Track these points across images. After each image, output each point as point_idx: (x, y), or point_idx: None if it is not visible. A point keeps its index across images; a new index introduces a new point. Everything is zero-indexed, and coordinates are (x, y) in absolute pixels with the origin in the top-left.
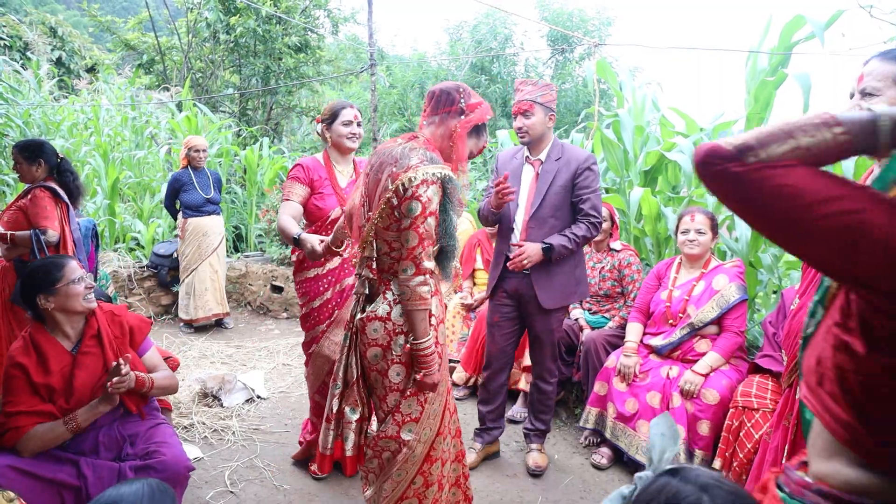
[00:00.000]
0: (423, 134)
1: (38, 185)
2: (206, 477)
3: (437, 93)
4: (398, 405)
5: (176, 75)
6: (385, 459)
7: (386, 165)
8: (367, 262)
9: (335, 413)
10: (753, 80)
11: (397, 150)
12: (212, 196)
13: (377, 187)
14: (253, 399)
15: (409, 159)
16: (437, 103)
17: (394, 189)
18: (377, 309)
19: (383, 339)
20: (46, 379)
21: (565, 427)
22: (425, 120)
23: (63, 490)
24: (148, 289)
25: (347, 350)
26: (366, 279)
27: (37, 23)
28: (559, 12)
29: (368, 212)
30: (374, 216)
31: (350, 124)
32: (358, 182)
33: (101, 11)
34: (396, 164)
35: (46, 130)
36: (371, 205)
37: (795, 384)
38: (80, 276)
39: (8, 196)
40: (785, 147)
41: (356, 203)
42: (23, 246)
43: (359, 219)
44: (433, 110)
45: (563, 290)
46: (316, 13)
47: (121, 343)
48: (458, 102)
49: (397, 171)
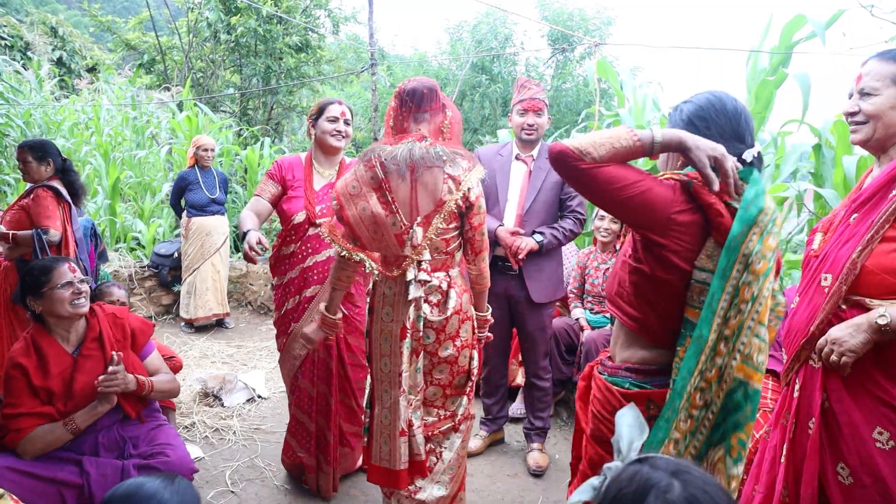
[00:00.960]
0: (419, 132)
1: (41, 185)
2: (206, 476)
3: (423, 91)
4: (462, 385)
5: (177, 75)
6: (452, 443)
7: (426, 169)
8: (419, 265)
9: (406, 424)
10: (754, 79)
11: (434, 152)
12: (217, 196)
13: (415, 192)
14: (254, 399)
15: (458, 161)
16: (423, 100)
17: (462, 192)
18: (451, 304)
19: (454, 329)
20: (45, 382)
21: (566, 427)
22: (412, 117)
23: (64, 489)
24: (149, 288)
25: (409, 356)
26: (420, 282)
27: (38, 23)
28: (559, 12)
29: (416, 216)
30: (436, 219)
31: (336, 121)
32: (350, 189)
33: (101, 11)
34: (447, 166)
35: (47, 130)
36: (413, 209)
37: (793, 383)
38: (68, 280)
39: (8, 195)
40: (607, 150)
41: (377, 211)
42: (25, 245)
43: (389, 226)
44: (420, 108)
45: (553, 284)
46: (317, 13)
47: (122, 346)
48: (440, 99)
49: (457, 175)
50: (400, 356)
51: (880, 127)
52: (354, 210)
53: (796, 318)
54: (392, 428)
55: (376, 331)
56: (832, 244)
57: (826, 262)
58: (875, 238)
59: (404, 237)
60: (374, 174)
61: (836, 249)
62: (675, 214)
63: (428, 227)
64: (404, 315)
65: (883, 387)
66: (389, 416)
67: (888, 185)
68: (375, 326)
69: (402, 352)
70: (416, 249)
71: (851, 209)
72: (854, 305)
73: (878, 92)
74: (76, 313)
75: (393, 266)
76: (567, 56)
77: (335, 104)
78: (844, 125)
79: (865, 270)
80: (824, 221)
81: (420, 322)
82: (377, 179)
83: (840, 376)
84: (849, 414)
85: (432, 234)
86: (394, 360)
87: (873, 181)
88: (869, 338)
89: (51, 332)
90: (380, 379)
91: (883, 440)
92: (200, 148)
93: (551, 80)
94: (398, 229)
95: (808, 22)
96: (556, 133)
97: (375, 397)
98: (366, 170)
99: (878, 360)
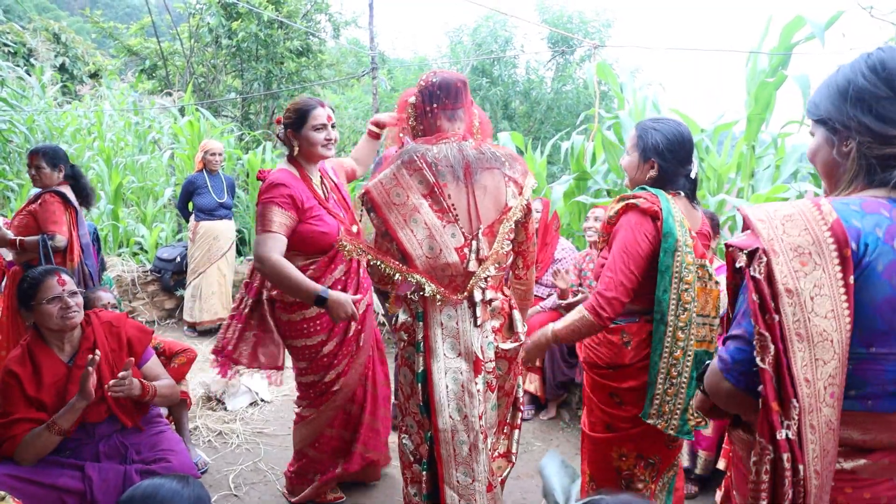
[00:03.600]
0: (456, 130)
1: (49, 191)
2: (210, 480)
3: (457, 85)
4: (514, 417)
5: (178, 80)
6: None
7: (484, 171)
8: (489, 282)
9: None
10: (753, 81)
11: (489, 152)
12: (224, 200)
13: (474, 197)
14: (257, 402)
15: (514, 164)
16: (458, 96)
17: (526, 198)
18: (521, 328)
19: (516, 356)
20: (38, 393)
21: (569, 429)
22: (445, 114)
23: (66, 495)
24: (151, 293)
25: (484, 394)
26: (486, 302)
27: (40, 29)
28: (559, 14)
29: (479, 225)
30: (501, 228)
31: (323, 129)
32: (393, 198)
33: (103, 17)
34: (506, 167)
35: (50, 136)
36: (473, 217)
37: None
38: (56, 295)
39: (12, 201)
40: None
41: (431, 221)
42: (31, 251)
43: (448, 238)
44: (456, 104)
45: None
46: (317, 17)
47: (117, 356)
48: (469, 95)
49: (517, 178)
50: (474, 397)
51: None
52: (402, 221)
53: None
54: (474, 489)
55: (437, 372)
56: None
57: None
58: None
59: (465, 250)
60: (422, 177)
61: None
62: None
63: (493, 238)
64: (474, 346)
65: None
66: (468, 472)
67: None
68: (436, 366)
69: (479, 389)
70: (482, 264)
71: None
72: None
73: None
74: (67, 326)
75: (454, 287)
76: (567, 59)
77: (318, 108)
78: None
79: None
80: None
81: (491, 351)
82: (428, 184)
83: None
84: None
85: (499, 246)
86: (468, 402)
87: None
88: None
89: (46, 340)
90: (451, 429)
91: None
92: (209, 152)
93: (551, 83)
94: (457, 242)
95: (808, 23)
96: (557, 136)
97: (443, 456)
98: (409, 173)
99: None
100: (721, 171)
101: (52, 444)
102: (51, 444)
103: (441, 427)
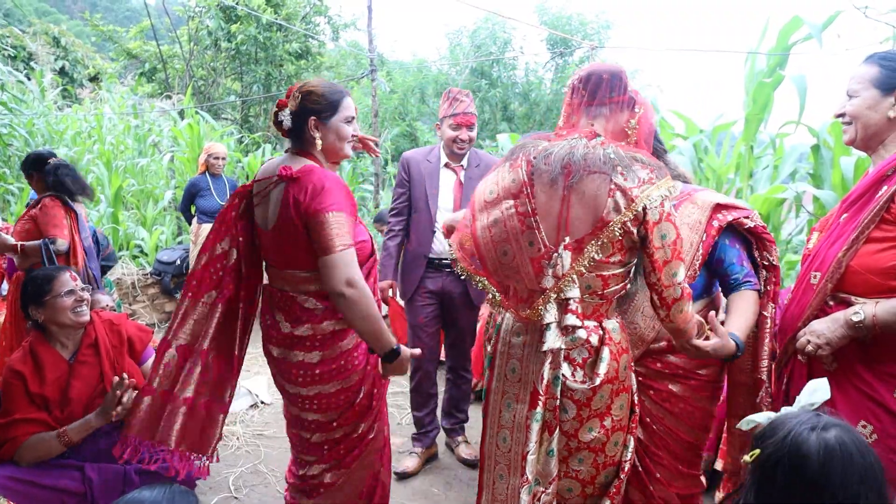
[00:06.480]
0: (587, 129)
1: (49, 194)
2: (210, 482)
3: (602, 77)
4: (608, 484)
5: (178, 83)
6: None
7: (587, 174)
8: (564, 305)
9: None
10: (752, 81)
11: (603, 153)
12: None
13: (566, 203)
14: (257, 405)
15: (635, 169)
16: (598, 89)
17: (634, 212)
18: (603, 369)
19: (604, 404)
20: (42, 389)
21: None
22: (583, 110)
23: (66, 497)
24: (152, 296)
25: (540, 433)
26: (565, 329)
27: (40, 33)
28: (558, 16)
29: (564, 237)
30: (591, 245)
31: (352, 121)
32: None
33: (103, 21)
34: (616, 173)
35: (50, 139)
36: (560, 226)
37: (783, 376)
38: (70, 289)
39: (13, 205)
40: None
41: (510, 224)
42: (33, 256)
43: (524, 245)
44: (595, 99)
45: None
46: (316, 20)
47: (118, 353)
48: (628, 90)
49: (629, 187)
50: (526, 431)
51: (860, 127)
52: (485, 221)
53: (788, 314)
54: None
55: (496, 391)
56: (823, 243)
57: (816, 261)
58: (860, 238)
59: (543, 262)
60: (515, 176)
61: (826, 248)
62: None
63: (580, 255)
64: (536, 374)
65: (868, 382)
66: None
67: (875, 185)
68: (496, 385)
69: (531, 425)
70: (559, 282)
71: (843, 208)
72: (840, 302)
73: (857, 94)
74: (78, 321)
75: (523, 303)
76: (566, 60)
77: (347, 97)
78: (841, 126)
79: (850, 270)
80: (822, 221)
81: (557, 387)
82: (518, 183)
83: (827, 371)
84: (835, 407)
85: (583, 266)
86: (516, 436)
87: (862, 181)
88: (845, 332)
89: (50, 339)
90: (494, 458)
91: (867, 433)
92: (212, 155)
93: (550, 84)
94: (535, 251)
95: (805, 24)
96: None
97: (483, 483)
98: (509, 170)
99: (863, 357)
100: (720, 171)
101: (57, 451)
102: (56, 451)
103: (488, 453)
